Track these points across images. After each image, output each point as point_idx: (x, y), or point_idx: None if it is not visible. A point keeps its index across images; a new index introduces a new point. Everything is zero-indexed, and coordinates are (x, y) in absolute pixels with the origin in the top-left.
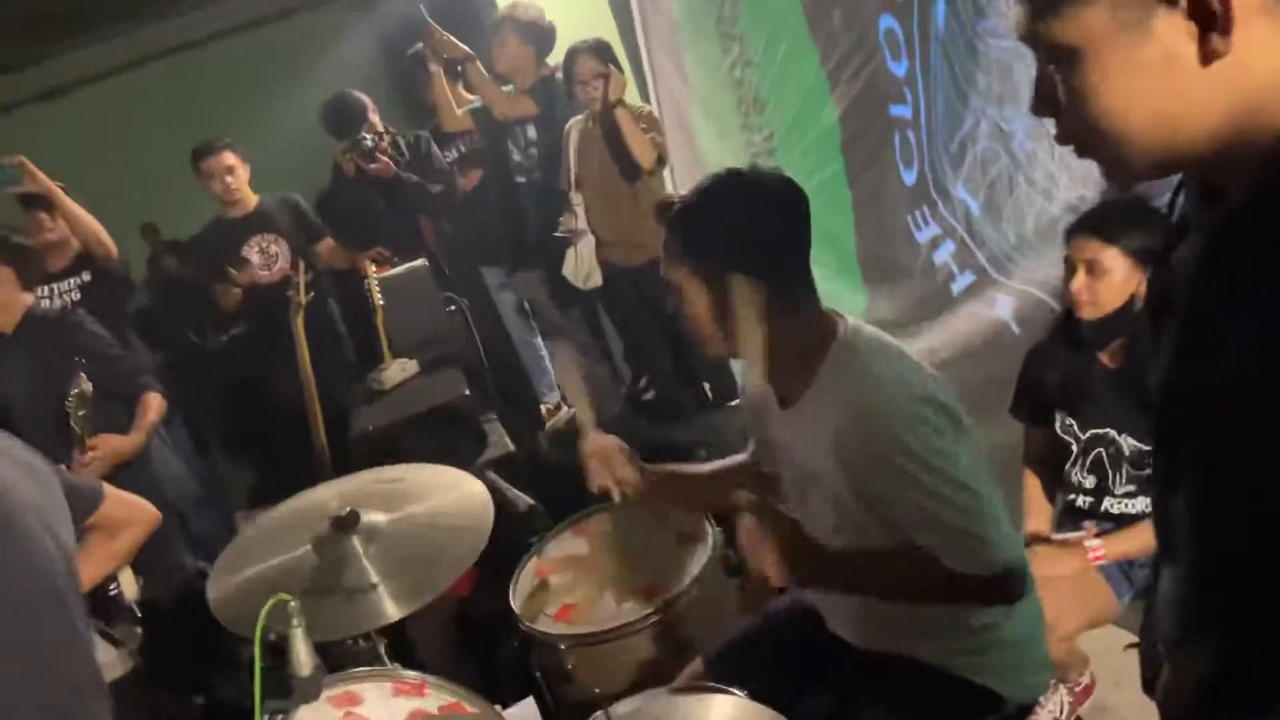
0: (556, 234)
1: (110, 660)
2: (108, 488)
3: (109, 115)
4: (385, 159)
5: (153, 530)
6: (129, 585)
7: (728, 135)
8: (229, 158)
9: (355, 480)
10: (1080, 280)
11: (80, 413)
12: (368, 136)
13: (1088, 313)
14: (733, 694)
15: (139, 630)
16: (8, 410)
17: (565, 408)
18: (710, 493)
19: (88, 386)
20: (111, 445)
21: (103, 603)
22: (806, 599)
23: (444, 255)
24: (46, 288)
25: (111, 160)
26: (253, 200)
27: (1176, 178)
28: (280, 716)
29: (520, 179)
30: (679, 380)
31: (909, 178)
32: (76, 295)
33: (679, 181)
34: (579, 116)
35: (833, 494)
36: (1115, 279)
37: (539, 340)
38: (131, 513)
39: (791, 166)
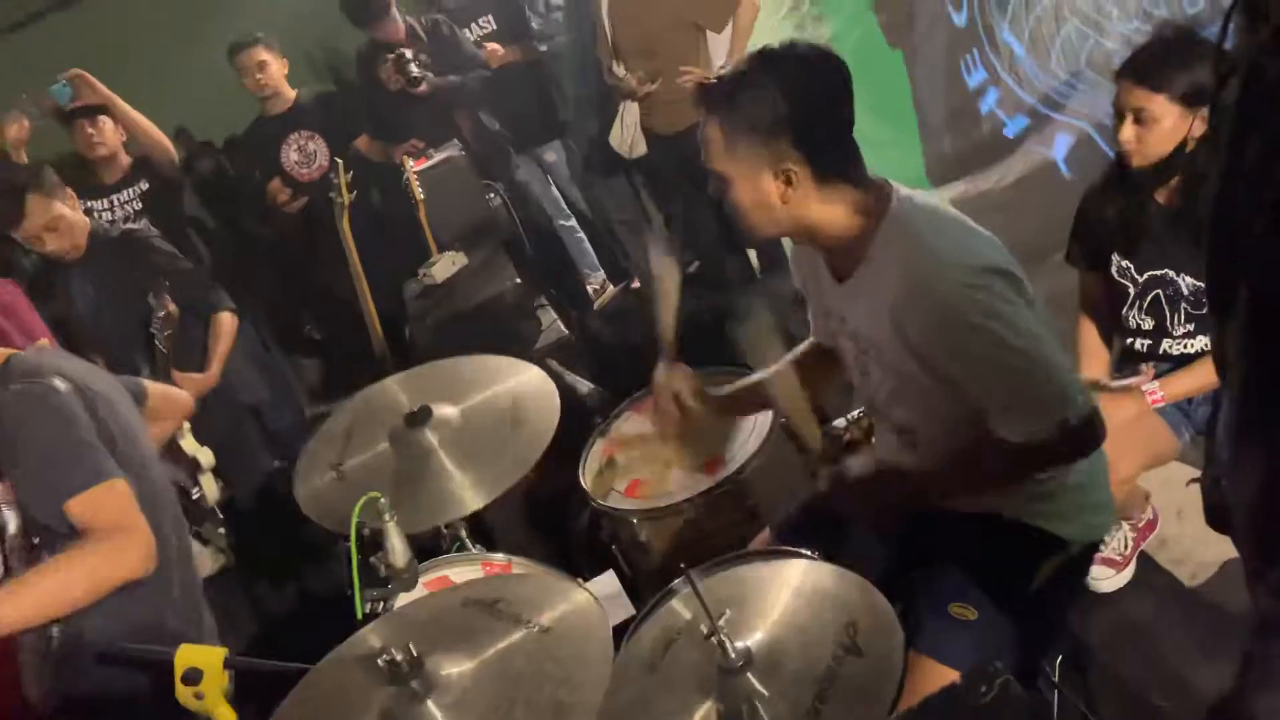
0: (608, 81)
1: (201, 558)
2: (146, 382)
3: (130, 19)
4: (430, 76)
5: (185, 418)
6: (210, 489)
7: None
8: (261, 53)
9: (419, 373)
10: (1129, 130)
11: (166, 333)
12: (412, 61)
13: (1137, 161)
14: (805, 555)
15: (223, 531)
16: (84, 333)
17: (610, 286)
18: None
19: (173, 308)
20: (194, 383)
21: (187, 506)
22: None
23: (477, 140)
24: (106, 200)
25: (137, 65)
26: (291, 96)
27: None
28: (380, 604)
29: (543, 47)
30: (725, 250)
31: (959, 19)
32: (138, 205)
33: (715, 52)
34: None
35: (893, 365)
36: (1164, 126)
37: (572, 222)
38: (170, 404)
39: (836, 13)
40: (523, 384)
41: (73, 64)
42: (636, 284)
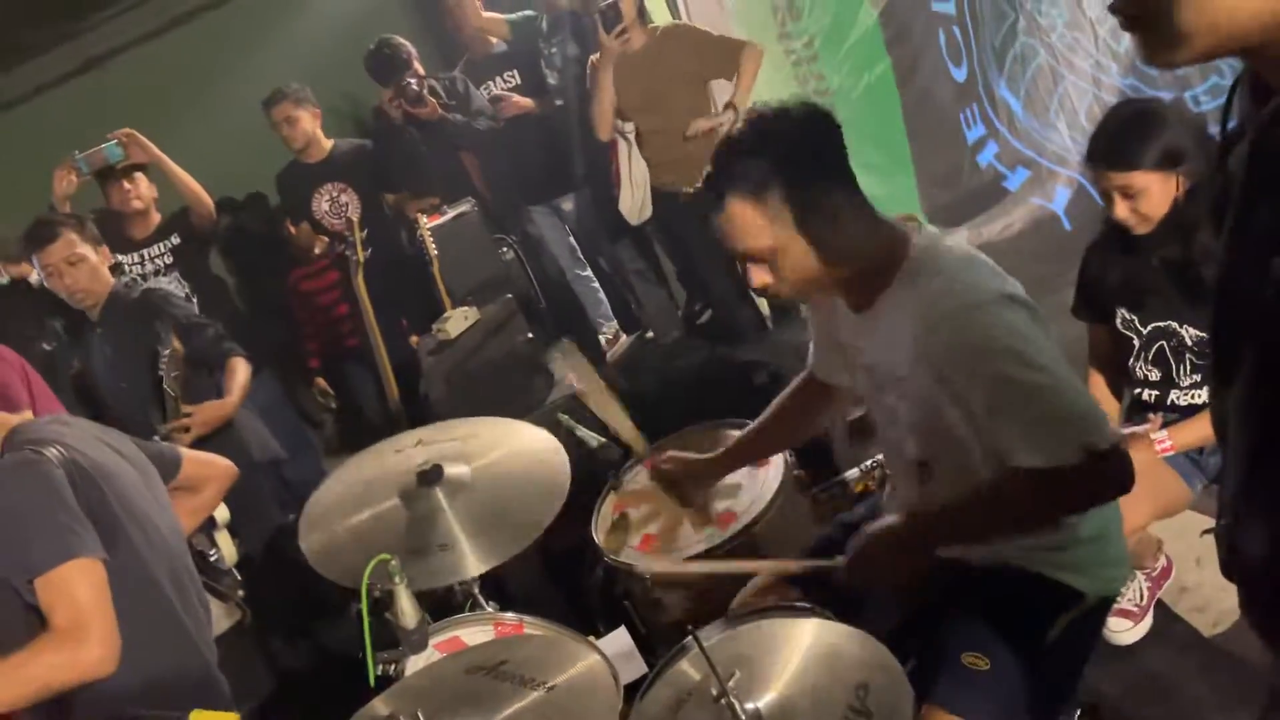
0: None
1: (217, 614)
2: (183, 450)
3: (161, 76)
4: (431, 100)
5: (231, 483)
6: (227, 548)
7: (768, 43)
8: (289, 108)
9: (431, 431)
10: (1123, 208)
11: (174, 374)
12: (411, 80)
13: (1141, 229)
14: (817, 613)
15: (240, 591)
16: (99, 388)
17: (624, 336)
18: (771, 443)
19: (179, 346)
20: (207, 413)
21: (204, 567)
22: (881, 511)
23: (490, 193)
24: (136, 254)
25: (160, 124)
26: (326, 147)
27: (1234, 79)
28: (392, 666)
29: (559, 102)
30: (736, 300)
31: (959, 74)
32: (169, 259)
33: (716, 98)
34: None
35: (914, 393)
36: (1153, 194)
37: (588, 272)
38: (210, 470)
39: (835, 70)
40: (534, 449)
41: (103, 122)
42: (651, 334)
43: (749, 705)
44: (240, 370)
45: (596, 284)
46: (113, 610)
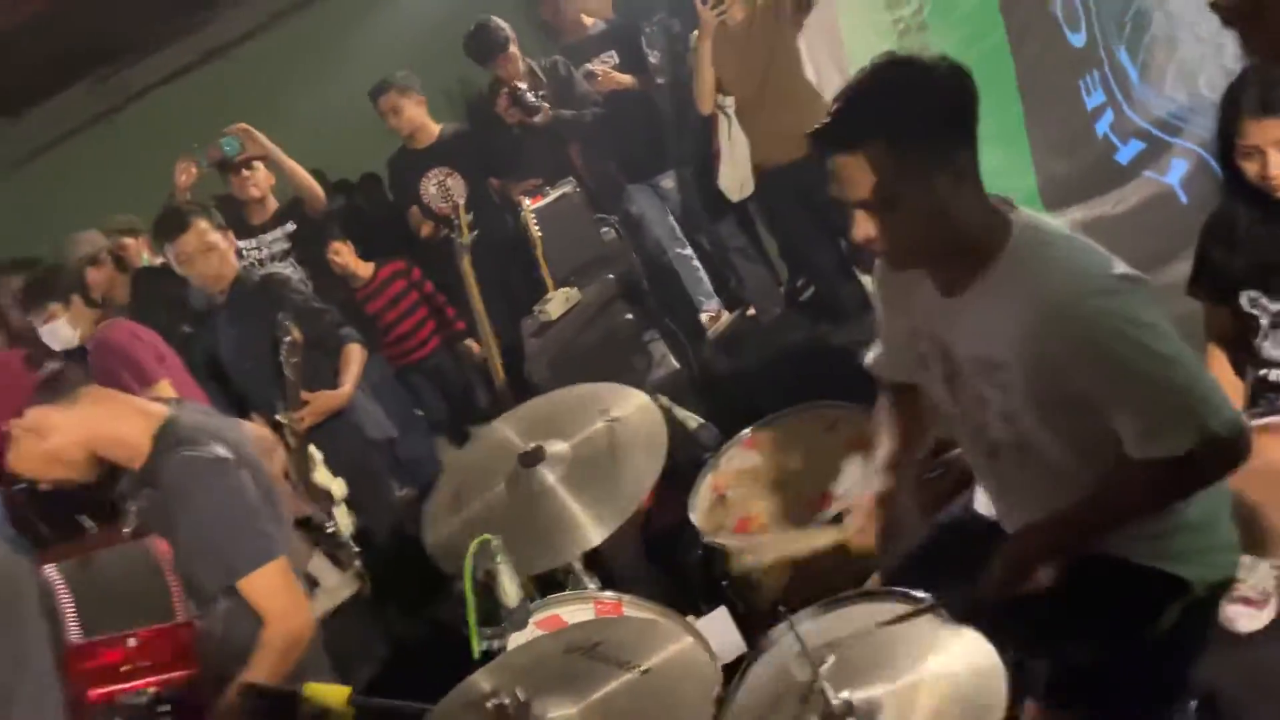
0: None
1: (337, 583)
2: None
3: (272, 67)
4: (544, 106)
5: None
6: (344, 521)
7: (874, 11)
8: (394, 98)
9: (530, 409)
10: (1276, 163)
11: (293, 360)
12: (528, 92)
13: None
14: (917, 599)
15: (358, 562)
16: (228, 368)
17: (725, 314)
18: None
19: (298, 334)
20: (322, 402)
21: (322, 538)
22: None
23: (591, 174)
24: (255, 240)
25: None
26: (434, 132)
27: None
28: (496, 642)
29: (660, 80)
30: (839, 277)
31: (1077, 40)
32: (285, 245)
33: (820, 69)
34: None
35: (1013, 384)
36: None
37: (689, 250)
38: (259, 445)
39: (946, 38)
40: (627, 411)
41: (223, 111)
42: (752, 311)
43: (841, 694)
44: (355, 357)
45: (697, 262)
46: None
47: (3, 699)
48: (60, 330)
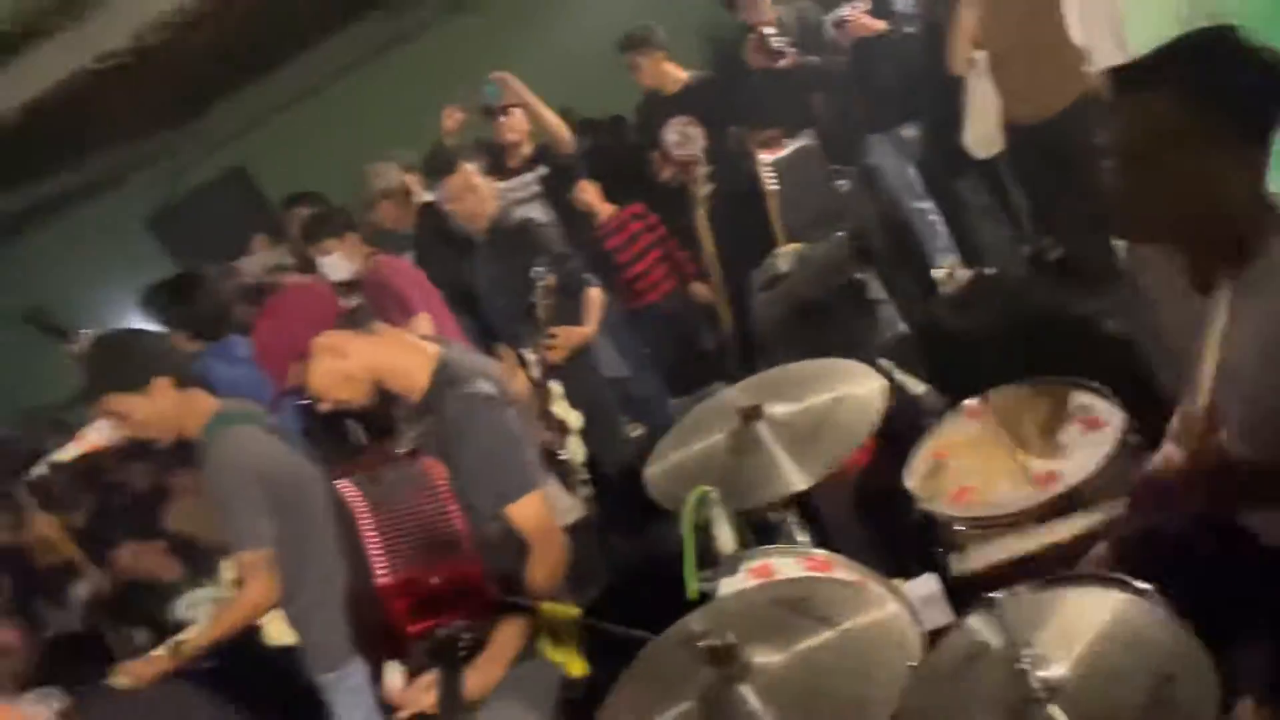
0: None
1: (569, 505)
2: None
3: (524, 11)
4: (790, 53)
5: None
6: (576, 450)
7: None
8: (631, 58)
9: (757, 379)
10: None
11: (545, 302)
12: (774, 33)
13: None
14: (1137, 588)
15: (586, 489)
16: (482, 303)
17: (962, 272)
18: None
19: (552, 280)
20: (569, 338)
21: (554, 463)
22: None
23: (832, 124)
24: (513, 181)
25: (532, 51)
26: (682, 79)
27: None
28: (708, 583)
29: (909, 29)
30: (1091, 239)
31: None
32: (537, 187)
33: (1092, 33)
34: None
35: (1259, 393)
36: None
37: (929, 204)
38: None
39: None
40: (856, 390)
41: (483, 51)
42: (991, 271)
43: (1043, 674)
44: (596, 300)
45: (935, 216)
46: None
47: (294, 569)
48: (336, 264)
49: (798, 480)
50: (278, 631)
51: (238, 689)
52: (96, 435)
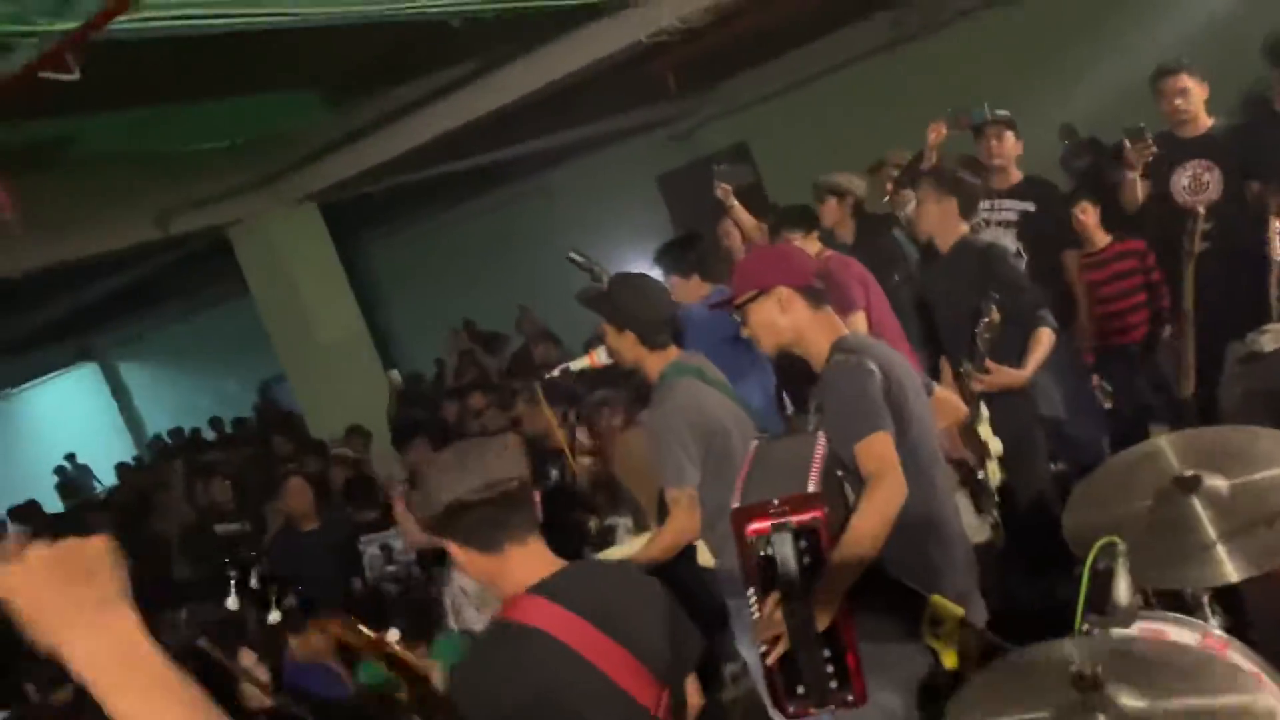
0: None
1: (975, 525)
2: (935, 385)
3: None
4: None
5: (953, 423)
6: (993, 473)
7: None
8: (1185, 80)
9: (1200, 435)
10: None
11: (986, 336)
12: None
13: None
14: None
15: (996, 511)
16: (932, 314)
17: None
18: None
19: (997, 316)
20: (1001, 377)
21: (969, 480)
22: None
23: None
24: (989, 203)
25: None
26: (1205, 124)
27: None
28: (1095, 630)
29: None
30: None
31: None
32: (1014, 217)
33: None
34: None
35: None
36: None
37: None
38: (946, 408)
39: None
40: None
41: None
42: None
43: None
44: (1044, 342)
45: None
46: (899, 463)
47: (715, 504)
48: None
49: (1228, 571)
50: (704, 555)
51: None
52: (599, 356)
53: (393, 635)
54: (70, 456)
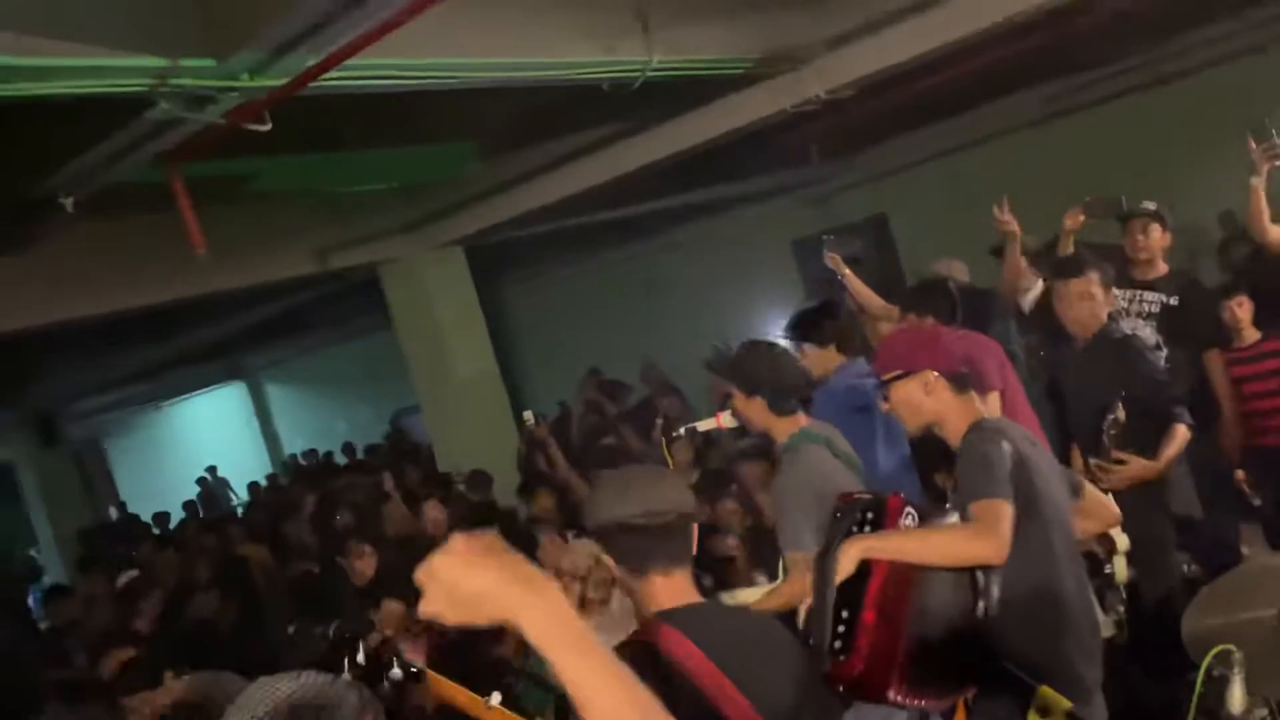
0: None
1: (1101, 621)
2: (1087, 483)
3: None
4: None
5: (1109, 526)
6: (1120, 569)
7: None
8: None
9: None
10: None
11: (1112, 433)
12: None
13: None
14: None
15: (1122, 608)
16: (1064, 400)
17: None
18: None
19: (1122, 415)
20: (1132, 470)
21: (1097, 573)
22: None
23: None
24: (1130, 292)
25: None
26: None
27: None
28: None
29: None
30: None
31: None
32: (1155, 309)
33: None
34: None
35: None
36: None
37: None
38: (1099, 508)
39: None
40: None
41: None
42: None
43: None
44: (1178, 438)
45: None
46: (1009, 532)
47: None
48: None
49: None
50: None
51: None
52: (726, 420)
53: (495, 699)
54: (212, 469)
